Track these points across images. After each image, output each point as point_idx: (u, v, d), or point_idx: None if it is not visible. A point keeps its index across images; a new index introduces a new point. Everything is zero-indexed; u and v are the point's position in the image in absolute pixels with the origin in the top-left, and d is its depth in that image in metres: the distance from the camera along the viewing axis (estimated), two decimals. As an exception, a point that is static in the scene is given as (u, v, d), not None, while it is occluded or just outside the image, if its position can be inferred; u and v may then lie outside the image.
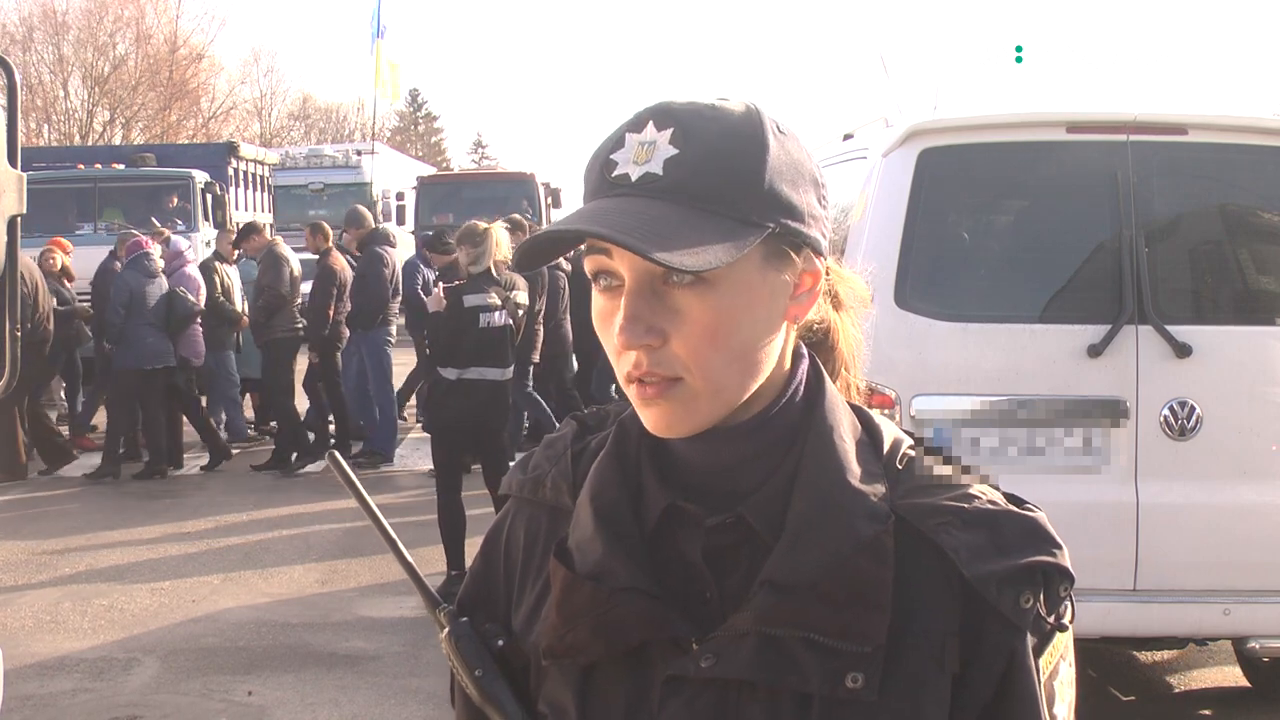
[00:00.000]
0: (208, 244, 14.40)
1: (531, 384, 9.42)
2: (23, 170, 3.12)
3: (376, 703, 5.20)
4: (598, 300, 1.05)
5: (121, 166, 16.14)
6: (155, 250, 9.99)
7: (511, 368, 6.68)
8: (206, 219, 15.02)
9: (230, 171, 17.31)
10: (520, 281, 6.77)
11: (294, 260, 10.37)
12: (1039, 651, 1.04)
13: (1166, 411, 4.23)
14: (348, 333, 10.26)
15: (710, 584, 1.05)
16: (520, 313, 6.69)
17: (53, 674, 5.57)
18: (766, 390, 1.07)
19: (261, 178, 19.42)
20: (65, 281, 10.95)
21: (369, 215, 11.00)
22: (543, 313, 9.18)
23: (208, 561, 7.45)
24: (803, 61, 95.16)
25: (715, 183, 1.00)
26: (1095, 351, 4.22)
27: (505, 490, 1.20)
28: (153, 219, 13.57)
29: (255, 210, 18.19)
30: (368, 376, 10.30)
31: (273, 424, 10.86)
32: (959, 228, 4.61)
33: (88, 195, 15.03)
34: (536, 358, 9.30)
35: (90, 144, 32.84)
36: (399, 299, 10.35)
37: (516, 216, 10.49)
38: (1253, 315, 4.45)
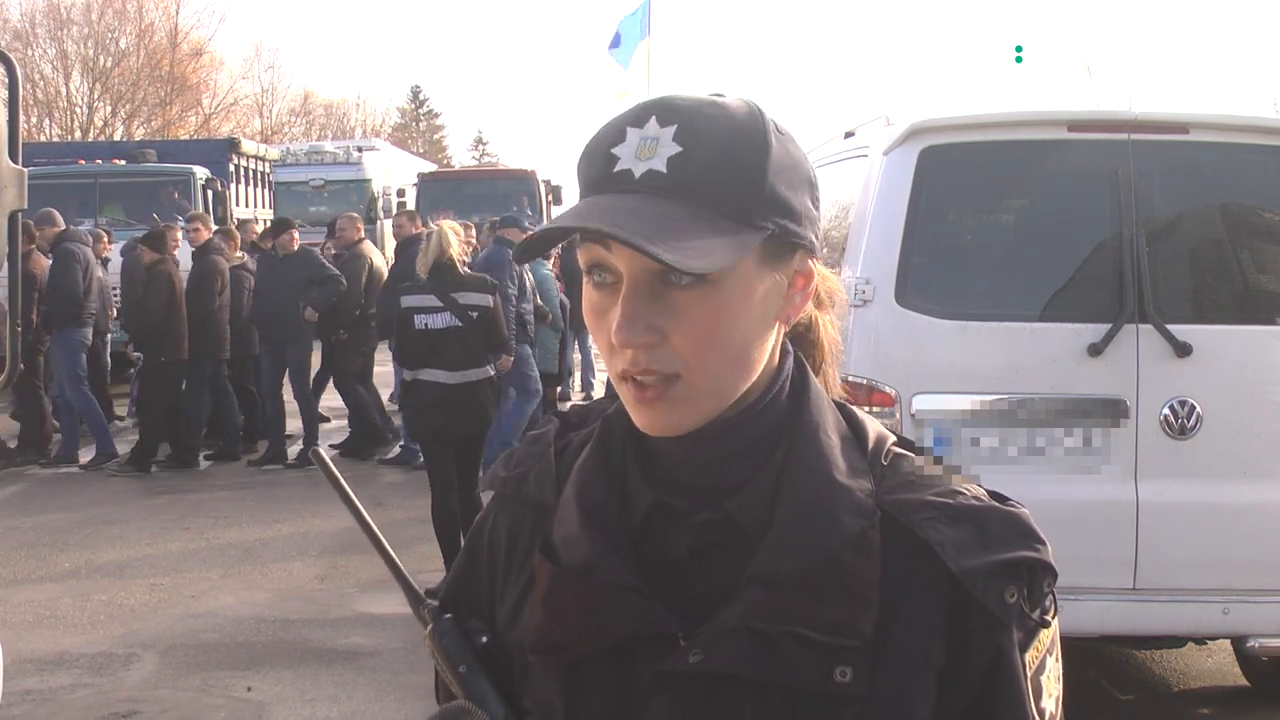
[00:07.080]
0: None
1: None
2: (24, 165, 3.11)
3: (375, 698, 5.20)
4: (590, 294, 1.04)
5: (122, 162, 16.12)
6: None
7: (474, 370, 6.48)
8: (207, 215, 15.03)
9: (231, 167, 17.29)
10: (474, 282, 6.61)
11: None
12: (1024, 646, 1.05)
13: (1166, 411, 4.23)
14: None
15: (697, 580, 1.05)
16: (474, 315, 6.48)
17: (52, 669, 5.57)
18: (754, 387, 1.07)
19: (262, 174, 19.40)
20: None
21: (58, 215, 10.82)
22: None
23: (207, 557, 7.46)
24: (802, 61, 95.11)
25: (719, 182, 1.00)
26: (1095, 350, 4.21)
27: (488, 487, 1.20)
28: (154, 215, 13.56)
29: (256, 206, 18.16)
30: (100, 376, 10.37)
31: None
32: (960, 226, 4.61)
33: (88, 191, 15.01)
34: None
35: (91, 139, 32.82)
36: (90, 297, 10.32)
37: (477, 219, 10.55)
38: (1253, 315, 4.44)
